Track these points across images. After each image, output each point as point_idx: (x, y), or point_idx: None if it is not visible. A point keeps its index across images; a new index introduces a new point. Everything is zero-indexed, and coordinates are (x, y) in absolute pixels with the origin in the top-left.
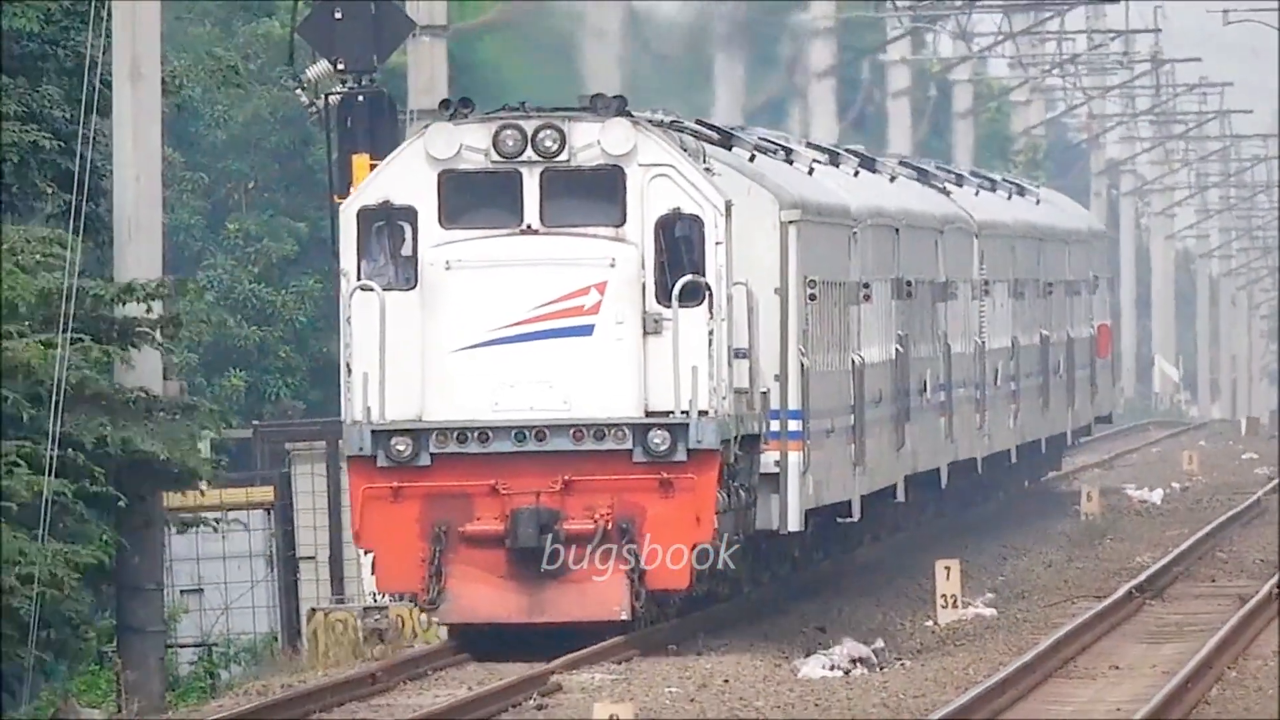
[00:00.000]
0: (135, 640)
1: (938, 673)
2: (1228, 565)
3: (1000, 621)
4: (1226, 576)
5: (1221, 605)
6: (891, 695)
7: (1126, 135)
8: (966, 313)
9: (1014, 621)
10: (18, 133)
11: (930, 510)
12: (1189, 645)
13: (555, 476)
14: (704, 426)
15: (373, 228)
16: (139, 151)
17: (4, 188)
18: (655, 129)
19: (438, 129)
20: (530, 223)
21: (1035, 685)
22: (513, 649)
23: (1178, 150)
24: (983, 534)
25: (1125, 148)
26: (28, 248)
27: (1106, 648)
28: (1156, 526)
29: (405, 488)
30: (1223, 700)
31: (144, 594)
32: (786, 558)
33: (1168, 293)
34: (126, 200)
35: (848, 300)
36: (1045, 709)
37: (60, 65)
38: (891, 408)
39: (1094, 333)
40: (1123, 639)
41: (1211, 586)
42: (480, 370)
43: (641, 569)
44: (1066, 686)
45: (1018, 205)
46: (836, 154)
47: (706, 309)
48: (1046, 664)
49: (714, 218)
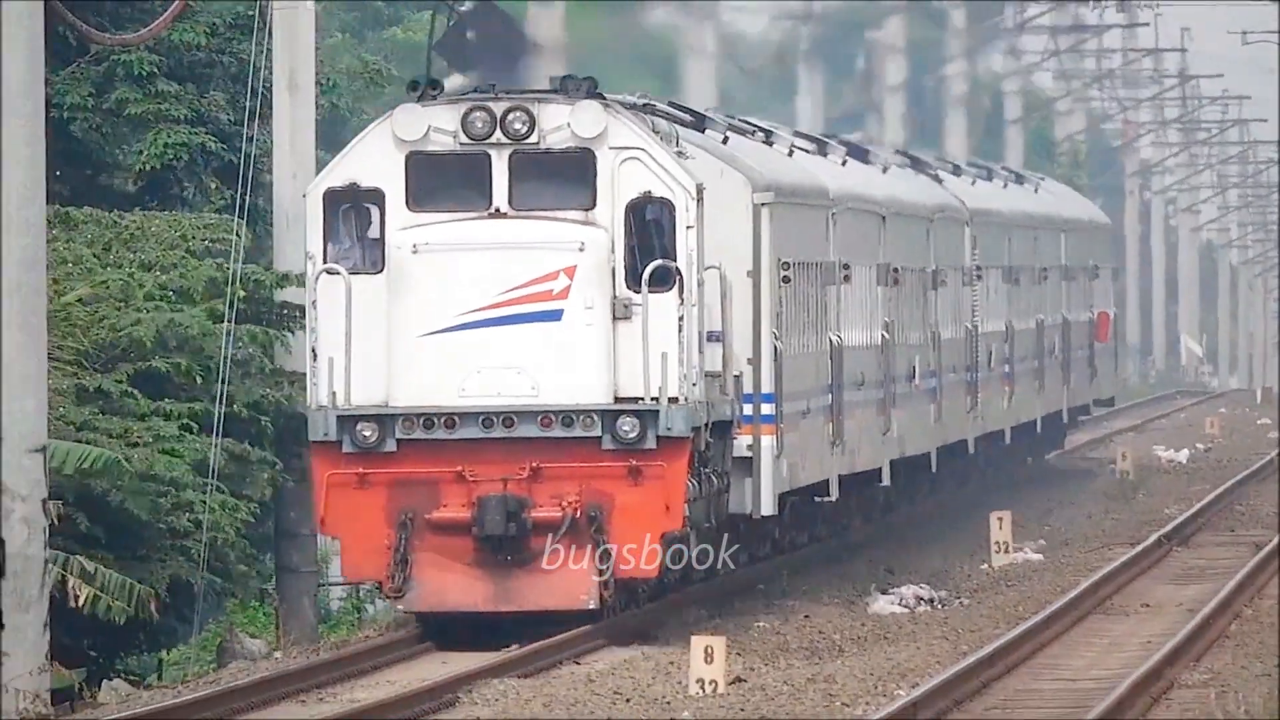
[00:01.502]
0: (291, 579)
1: (991, 610)
2: (1244, 517)
3: (1046, 565)
4: (1244, 527)
5: (1239, 552)
6: (950, 629)
7: (1157, 141)
8: (957, 298)
9: (1058, 565)
10: (187, 134)
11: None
12: (1210, 586)
13: (523, 463)
14: (674, 414)
15: (339, 210)
16: (295, 153)
17: (176, 182)
18: (626, 111)
19: (405, 110)
20: (499, 206)
21: (1077, 620)
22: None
23: (1202, 154)
24: (1032, 490)
25: (1156, 151)
26: (197, 234)
27: (1139, 588)
28: (1182, 483)
29: (371, 474)
30: (1240, 634)
31: (299, 539)
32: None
33: (1193, 279)
34: (284, 196)
35: (825, 280)
36: (1086, 641)
37: (225, 72)
38: (877, 391)
39: (1094, 318)
40: (1152, 581)
41: (1230, 536)
42: (447, 355)
43: (610, 558)
44: (1104, 622)
45: (1014, 194)
46: (825, 142)
47: (677, 294)
48: (1086, 602)
49: (685, 201)
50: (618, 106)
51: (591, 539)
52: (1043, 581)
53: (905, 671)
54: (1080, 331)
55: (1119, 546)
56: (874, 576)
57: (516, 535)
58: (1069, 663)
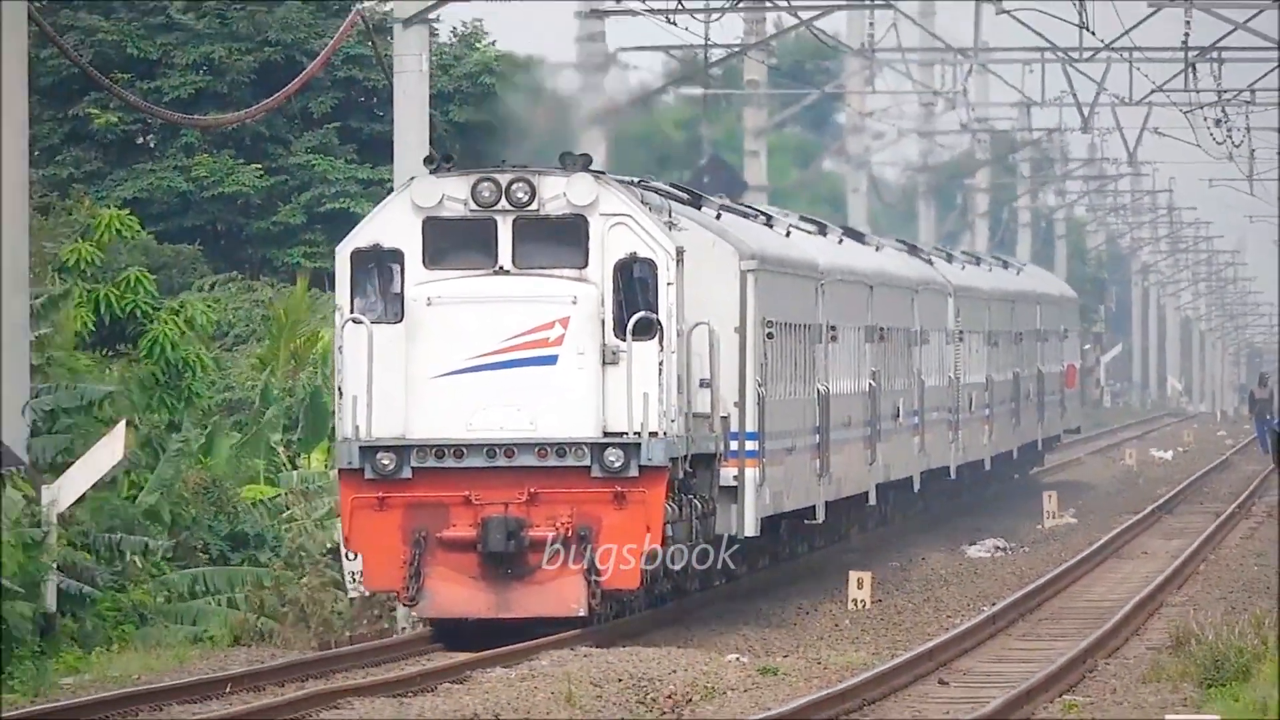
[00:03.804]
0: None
1: (1044, 555)
2: (1208, 495)
3: (1079, 526)
4: (1209, 502)
5: (1205, 519)
6: (1017, 568)
7: (1152, 250)
8: (941, 355)
9: (1088, 526)
10: None
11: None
12: (1186, 541)
13: (522, 489)
14: (654, 446)
15: (365, 267)
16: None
17: None
18: (615, 183)
19: (422, 181)
20: (503, 264)
21: (1099, 562)
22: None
23: (1182, 259)
24: (1071, 477)
25: (1151, 257)
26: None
27: (1140, 542)
28: (1169, 472)
29: (389, 498)
30: (1206, 572)
31: None
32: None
33: (1175, 340)
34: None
35: (813, 339)
36: (1105, 576)
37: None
38: (864, 429)
39: (1063, 369)
40: (1149, 536)
41: (1200, 507)
42: (457, 394)
43: (597, 571)
44: (1117, 563)
45: (997, 275)
46: (825, 226)
47: (658, 342)
48: (1105, 550)
49: (666, 261)
50: (608, 179)
51: (581, 555)
52: (1077, 537)
53: (987, 595)
54: (1053, 380)
55: (1127, 514)
56: (967, 536)
57: (516, 551)
58: (1094, 589)
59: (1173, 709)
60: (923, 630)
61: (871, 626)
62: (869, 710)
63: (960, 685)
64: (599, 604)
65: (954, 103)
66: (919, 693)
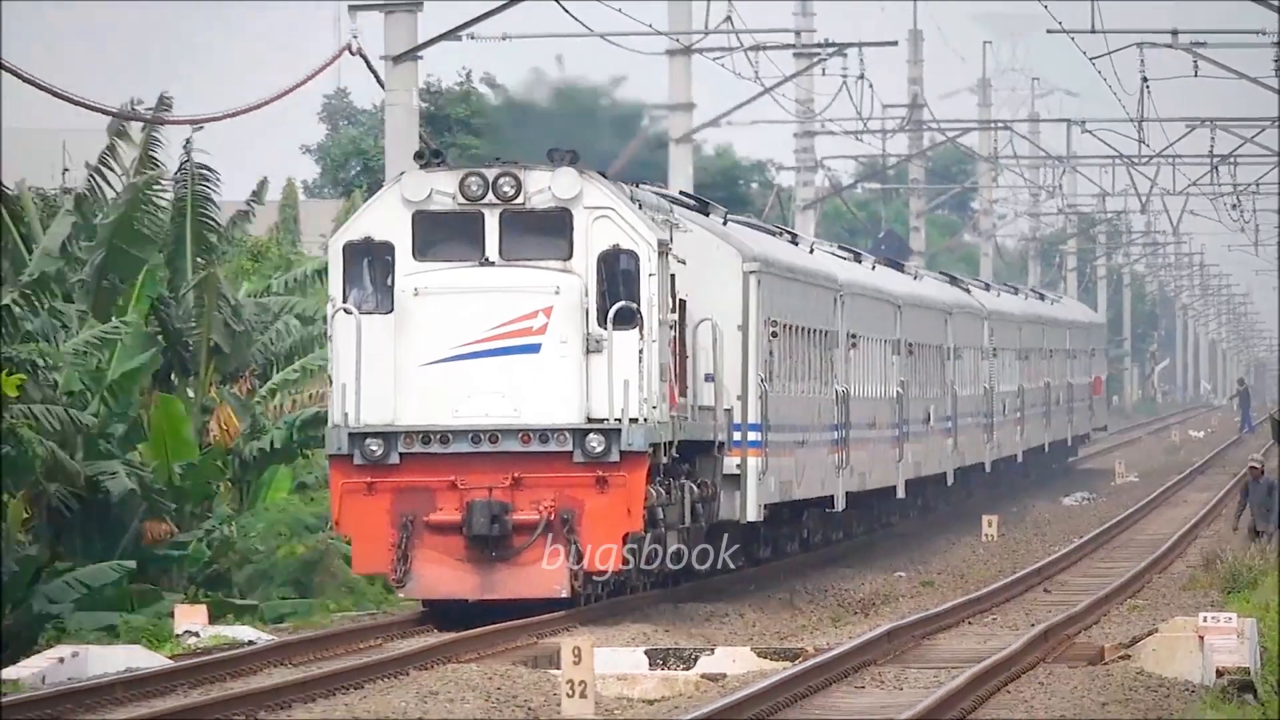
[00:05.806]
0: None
1: (1116, 503)
2: (1229, 462)
3: (1140, 484)
4: (1230, 466)
5: (1226, 478)
6: (1098, 512)
7: (1189, 294)
8: (976, 367)
9: (1147, 483)
10: None
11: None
12: (1211, 494)
13: (506, 474)
14: (634, 432)
15: (356, 260)
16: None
17: None
18: (599, 177)
19: (412, 176)
20: (490, 256)
21: (1154, 508)
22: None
23: (1211, 300)
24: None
25: (1189, 298)
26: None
27: (1181, 494)
28: (1201, 446)
29: (377, 482)
30: (1227, 512)
31: None
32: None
33: (1205, 355)
34: None
35: (830, 345)
36: (1160, 516)
37: None
38: (891, 431)
39: (1091, 380)
40: (1188, 490)
41: (1223, 470)
42: (443, 382)
43: (580, 554)
44: (1166, 508)
45: (1031, 303)
46: (860, 254)
47: (638, 331)
48: (1158, 500)
49: (648, 253)
50: (591, 173)
51: (564, 538)
52: (1139, 490)
53: (1080, 530)
54: (1082, 389)
55: (1173, 475)
56: (1061, 491)
57: (500, 535)
58: (1150, 526)
59: (1204, 609)
60: (1033, 555)
61: (997, 553)
62: (995, 612)
63: (1059, 592)
64: (581, 586)
65: (1053, 194)
66: (1030, 598)
